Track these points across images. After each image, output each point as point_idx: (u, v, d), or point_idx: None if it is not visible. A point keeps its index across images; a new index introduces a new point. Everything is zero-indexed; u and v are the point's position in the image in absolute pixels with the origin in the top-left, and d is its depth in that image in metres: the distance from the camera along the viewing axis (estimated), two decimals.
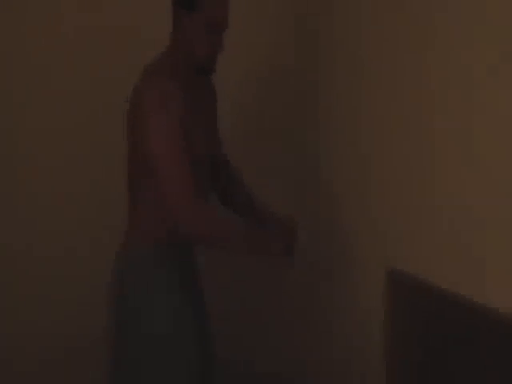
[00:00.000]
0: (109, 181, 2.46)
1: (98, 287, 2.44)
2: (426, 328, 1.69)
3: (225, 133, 2.41)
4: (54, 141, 2.45)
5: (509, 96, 1.38)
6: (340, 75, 2.19)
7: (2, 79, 2.40)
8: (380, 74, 1.95)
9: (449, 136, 1.63)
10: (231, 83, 2.45)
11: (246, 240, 1.73)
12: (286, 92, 2.50)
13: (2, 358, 2.42)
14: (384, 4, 1.91)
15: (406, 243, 1.84)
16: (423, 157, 1.75)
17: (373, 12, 1.97)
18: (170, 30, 2.27)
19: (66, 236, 2.45)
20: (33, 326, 2.44)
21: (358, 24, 2.04)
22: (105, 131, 2.47)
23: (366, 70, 2.01)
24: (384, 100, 1.94)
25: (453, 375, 1.57)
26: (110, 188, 2.45)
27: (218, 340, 2.42)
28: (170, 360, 1.78)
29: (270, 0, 2.49)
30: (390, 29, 1.86)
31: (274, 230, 1.83)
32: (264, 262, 2.31)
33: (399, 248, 1.88)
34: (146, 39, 2.45)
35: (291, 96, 2.47)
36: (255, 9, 2.50)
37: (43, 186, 2.44)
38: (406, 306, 1.79)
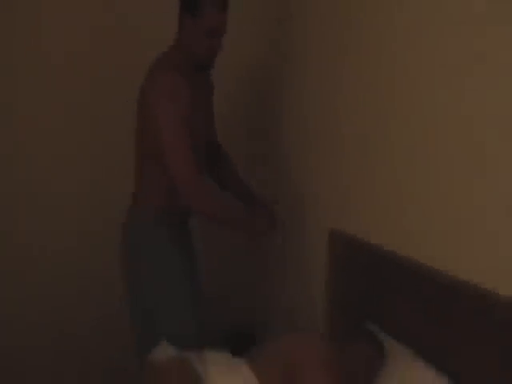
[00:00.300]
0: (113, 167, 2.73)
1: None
2: (361, 277, 2.05)
3: None
4: (58, 135, 2.64)
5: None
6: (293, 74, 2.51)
7: (3, 79, 2.53)
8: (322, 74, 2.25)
9: (370, 115, 1.99)
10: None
11: (235, 217, 2.07)
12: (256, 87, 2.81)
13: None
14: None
15: (345, 208, 2.20)
16: (359, 131, 2.08)
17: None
18: (165, 32, 2.50)
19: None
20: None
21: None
22: (106, 127, 2.70)
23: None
24: (325, 91, 2.30)
25: (382, 316, 1.94)
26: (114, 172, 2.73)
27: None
28: (167, 288, 2.11)
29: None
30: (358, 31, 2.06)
31: (260, 211, 2.18)
32: (248, 235, 2.60)
33: (340, 211, 2.23)
34: (145, 40, 2.65)
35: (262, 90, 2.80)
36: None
37: (48, 182, 2.65)
38: (344, 260, 2.16)
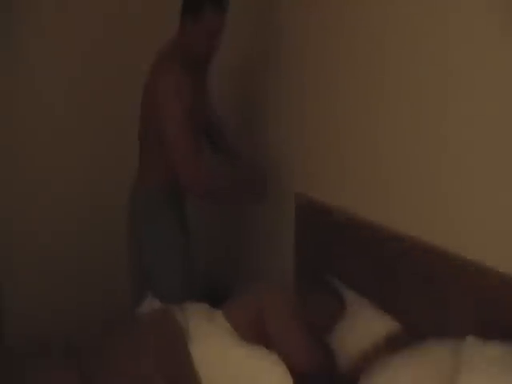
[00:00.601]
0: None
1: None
2: (322, 235, 2.37)
3: None
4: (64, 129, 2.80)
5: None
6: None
7: (3, 79, 2.64)
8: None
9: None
10: None
11: (228, 198, 2.40)
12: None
13: None
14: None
15: (310, 174, 2.47)
16: (327, 105, 2.31)
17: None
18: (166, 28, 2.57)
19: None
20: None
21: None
22: (106, 126, 2.88)
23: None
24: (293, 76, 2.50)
25: (341, 270, 2.25)
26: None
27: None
28: (166, 250, 2.35)
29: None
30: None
31: (251, 179, 2.46)
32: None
33: (305, 177, 2.50)
34: (145, 37, 2.76)
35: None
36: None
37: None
38: (309, 221, 2.45)
